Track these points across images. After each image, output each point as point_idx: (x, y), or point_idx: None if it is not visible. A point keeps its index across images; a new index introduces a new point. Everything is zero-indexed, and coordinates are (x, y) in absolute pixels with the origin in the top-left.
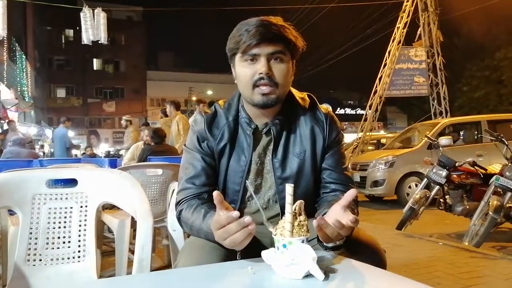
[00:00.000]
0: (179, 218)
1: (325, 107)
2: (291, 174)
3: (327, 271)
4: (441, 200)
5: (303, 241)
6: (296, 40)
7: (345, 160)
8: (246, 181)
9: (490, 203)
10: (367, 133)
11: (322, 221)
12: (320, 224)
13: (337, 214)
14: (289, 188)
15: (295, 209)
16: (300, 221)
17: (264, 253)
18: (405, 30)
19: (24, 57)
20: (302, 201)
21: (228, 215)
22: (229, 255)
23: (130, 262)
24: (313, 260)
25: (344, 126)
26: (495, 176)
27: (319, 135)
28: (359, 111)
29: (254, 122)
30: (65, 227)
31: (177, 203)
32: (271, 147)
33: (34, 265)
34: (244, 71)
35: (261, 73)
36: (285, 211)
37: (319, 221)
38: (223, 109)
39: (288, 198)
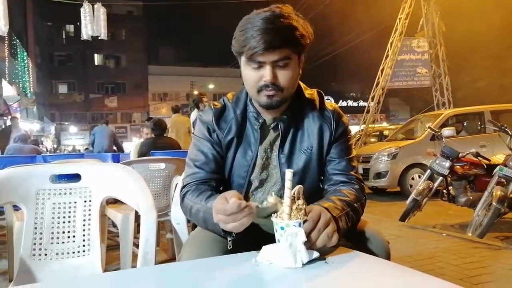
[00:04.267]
0: (182, 200)
1: (332, 104)
2: (297, 170)
3: (330, 262)
4: (445, 191)
5: (300, 224)
6: (303, 39)
7: (351, 150)
8: (252, 176)
9: (494, 194)
10: (370, 125)
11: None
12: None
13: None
14: (288, 173)
15: (293, 194)
16: (299, 205)
17: (263, 249)
18: (407, 21)
19: (26, 53)
20: (301, 186)
21: (237, 204)
22: (232, 248)
23: (134, 256)
24: (303, 244)
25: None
26: (498, 167)
27: (326, 131)
28: (362, 103)
29: (262, 117)
30: (69, 221)
31: (184, 186)
32: (278, 142)
33: (39, 259)
34: (250, 74)
35: (266, 81)
36: (284, 195)
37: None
38: (231, 102)
39: (288, 183)
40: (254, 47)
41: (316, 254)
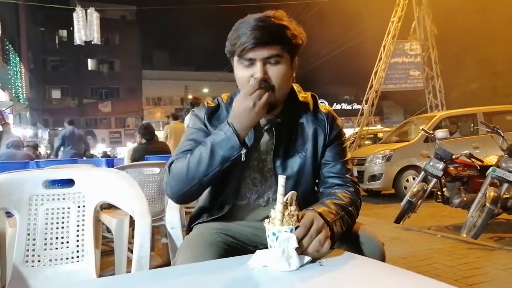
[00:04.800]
0: (169, 168)
1: (326, 107)
2: (292, 174)
3: (325, 264)
4: (439, 192)
5: (291, 230)
6: (295, 39)
7: (345, 153)
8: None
9: (487, 195)
10: (364, 128)
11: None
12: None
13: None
14: (281, 179)
15: (286, 200)
16: (291, 211)
17: (256, 254)
18: (399, 24)
19: (18, 58)
20: (294, 192)
21: (253, 83)
22: (226, 251)
23: (129, 262)
24: (294, 249)
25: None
26: (491, 168)
27: (320, 134)
28: (356, 106)
29: None
30: (63, 227)
31: (170, 161)
32: (272, 146)
33: (32, 266)
34: (241, 73)
35: (256, 78)
36: (277, 201)
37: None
38: (225, 103)
39: (280, 189)
40: (245, 43)
41: (307, 259)
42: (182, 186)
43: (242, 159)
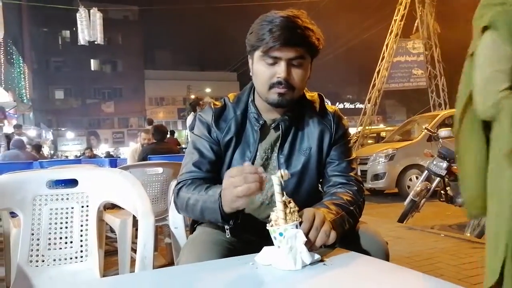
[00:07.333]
0: (177, 194)
1: (332, 107)
2: (295, 172)
3: (328, 263)
4: (442, 192)
5: (297, 226)
6: (318, 43)
7: (351, 152)
8: None
9: None
10: (367, 127)
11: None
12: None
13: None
14: (275, 179)
15: (285, 197)
16: (291, 207)
17: (263, 250)
18: (402, 23)
19: (21, 59)
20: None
21: (254, 166)
22: (230, 250)
23: (133, 261)
24: (303, 244)
25: None
26: None
27: (326, 133)
28: (358, 105)
29: (262, 118)
30: (66, 227)
31: (179, 182)
32: (278, 143)
33: (37, 266)
34: (263, 70)
35: (279, 77)
36: (276, 201)
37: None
38: (232, 103)
39: (277, 188)
40: (273, 41)
41: (317, 257)
42: (186, 215)
43: (227, 236)
